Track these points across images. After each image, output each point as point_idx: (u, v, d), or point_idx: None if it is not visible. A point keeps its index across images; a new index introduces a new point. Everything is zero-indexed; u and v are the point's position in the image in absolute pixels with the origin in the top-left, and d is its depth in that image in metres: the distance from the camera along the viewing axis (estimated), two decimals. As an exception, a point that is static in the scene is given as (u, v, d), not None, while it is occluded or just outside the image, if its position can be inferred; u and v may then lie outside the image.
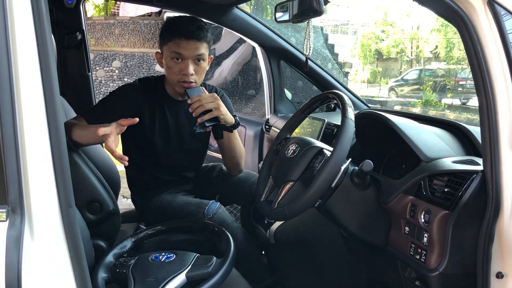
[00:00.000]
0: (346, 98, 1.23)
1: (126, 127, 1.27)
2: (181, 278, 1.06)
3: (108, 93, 1.61)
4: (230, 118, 1.55)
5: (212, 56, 1.64)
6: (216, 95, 1.51)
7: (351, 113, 1.17)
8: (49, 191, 0.74)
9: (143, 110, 1.60)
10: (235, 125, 1.60)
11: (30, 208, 0.73)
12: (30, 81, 0.72)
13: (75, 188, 1.27)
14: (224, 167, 1.85)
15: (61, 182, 0.75)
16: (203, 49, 1.54)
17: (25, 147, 0.72)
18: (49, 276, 0.74)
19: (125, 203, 3.65)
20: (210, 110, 1.47)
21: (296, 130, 2.07)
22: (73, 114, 1.70)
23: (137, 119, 1.26)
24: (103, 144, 1.25)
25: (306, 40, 1.62)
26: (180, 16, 1.65)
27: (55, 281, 0.74)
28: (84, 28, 2.12)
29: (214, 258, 1.12)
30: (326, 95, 1.35)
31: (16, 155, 0.72)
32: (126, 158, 1.21)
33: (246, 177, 1.78)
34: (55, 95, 0.74)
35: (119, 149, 1.62)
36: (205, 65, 1.58)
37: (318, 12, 1.42)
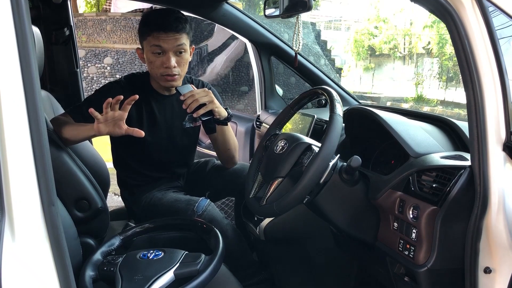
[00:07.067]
0: (334, 93, 1.22)
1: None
2: (169, 275, 1.05)
3: (94, 91, 1.60)
4: (223, 111, 1.57)
5: (193, 46, 1.63)
6: (207, 89, 1.53)
7: (339, 109, 1.16)
8: (30, 189, 0.73)
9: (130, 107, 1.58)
10: (229, 118, 1.61)
11: (11, 206, 0.71)
12: (9, 76, 0.71)
13: (62, 186, 1.26)
14: (216, 162, 1.85)
15: (43, 179, 0.73)
16: (183, 40, 1.54)
17: (4, 143, 0.71)
18: (31, 277, 0.72)
19: (116, 200, 3.63)
20: (204, 104, 1.48)
21: (289, 126, 2.07)
22: (61, 111, 1.69)
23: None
24: (91, 141, 1.24)
25: (295, 35, 1.61)
26: (156, 9, 1.64)
27: (38, 282, 0.73)
28: (72, 24, 2.09)
29: (203, 256, 1.11)
30: (314, 90, 1.34)
31: None
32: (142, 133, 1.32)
33: (241, 168, 1.77)
34: (36, 91, 0.72)
35: (108, 145, 1.62)
36: (187, 56, 1.58)
37: (307, 7, 1.41)
